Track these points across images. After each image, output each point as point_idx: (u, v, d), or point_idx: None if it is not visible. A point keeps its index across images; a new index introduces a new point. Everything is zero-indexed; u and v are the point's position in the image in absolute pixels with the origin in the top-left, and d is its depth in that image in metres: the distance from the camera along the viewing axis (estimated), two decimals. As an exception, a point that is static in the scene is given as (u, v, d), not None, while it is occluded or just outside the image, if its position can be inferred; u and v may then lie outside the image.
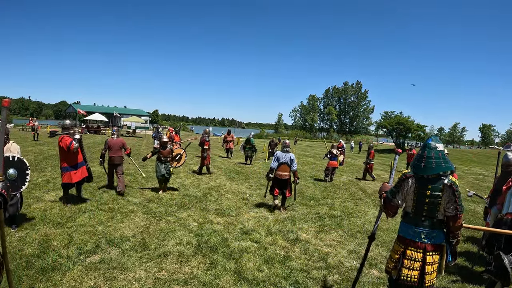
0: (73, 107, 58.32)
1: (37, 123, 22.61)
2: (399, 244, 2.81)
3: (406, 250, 2.72)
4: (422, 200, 2.64)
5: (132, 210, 6.16)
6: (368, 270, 4.27)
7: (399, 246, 2.80)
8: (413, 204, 2.71)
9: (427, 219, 2.67)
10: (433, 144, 2.68)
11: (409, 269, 2.67)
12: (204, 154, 10.91)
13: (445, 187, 2.58)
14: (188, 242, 4.77)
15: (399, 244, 2.80)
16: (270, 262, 4.31)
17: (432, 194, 2.60)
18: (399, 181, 2.79)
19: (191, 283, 3.64)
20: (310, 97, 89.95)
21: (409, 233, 2.73)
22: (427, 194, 2.61)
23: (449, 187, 2.57)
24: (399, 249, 2.78)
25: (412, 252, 2.69)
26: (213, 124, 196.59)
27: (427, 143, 2.72)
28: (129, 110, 66.80)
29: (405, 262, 2.70)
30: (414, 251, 2.68)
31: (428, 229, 2.67)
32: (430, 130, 76.13)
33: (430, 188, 2.60)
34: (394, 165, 3.54)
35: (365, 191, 10.17)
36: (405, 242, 2.75)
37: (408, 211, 2.79)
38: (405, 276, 2.68)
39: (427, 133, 48.34)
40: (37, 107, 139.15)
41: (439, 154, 2.63)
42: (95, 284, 3.48)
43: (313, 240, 5.30)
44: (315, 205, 7.70)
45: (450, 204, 2.59)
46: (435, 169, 2.59)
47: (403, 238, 2.78)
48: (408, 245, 2.72)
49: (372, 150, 13.04)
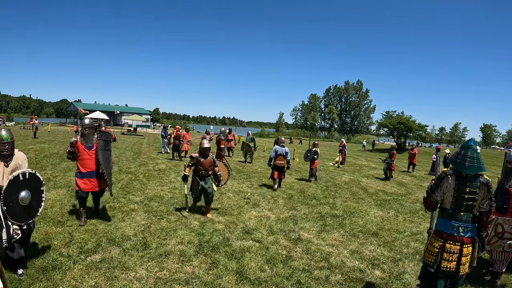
0: (74, 105, 58.24)
1: (37, 121, 22.69)
2: (437, 239, 2.97)
3: (445, 244, 2.90)
4: (461, 197, 2.85)
5: (133, 209, 6.13)
6: (371, 270, 4.24)
7: (437, 240, 2.96)
8: (452, 200, 2.89)
9: (465, 214, 2.88)
10: (475, 146, 2.92)
11: (448, 261, 2.89)
12: (222, 153, 11.01)
13: (481, 185, 2.85)
14: (190, 242, 4.74)
15: (438, 239, 2.97)
16: (272, 262, 4.28)
17: (471, 191, 2.83)
18: (438, 178, 2.99)
19: (193, 283, 3.61)
20: (311, 96, 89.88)
21: (448, 227, 2.91)
22: (466, 191, 2.84)
23: (485, 185, 2.84)
24: (438, 244, 2.95)
25: (451, 245, 2.89)
26: (214, 122, 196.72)
27: (471, 145, 2.92)
28: (130, 109, 66.76)
29: (444, 255, 2.90)
30: (452, 244, 2.88)
31: (465, 224, 2.88)
32: (431, 130, 76.08)
33: (469, 186, 2.84)
34: (437, 162, 3.75)
35: (366, 190, 10.13)
36: (443, 236, 2.93)
37: (446, 207, 2.95)
38: (444, 267, 2.90)
39: (428, 133, 48.24)
40: (38, 105, 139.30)
41: (480, 155, 2.89)
42: (96, 283, 3.46)
43: (315, 239, 5.27)
44: (316, 205, 7.67)
45: (485, 200, 2.86)
46: (477, 169, 2.83)
47: (441, 233, 2.95)
48: (447, 239, 2.91)
49: (394, 151, 13.20)
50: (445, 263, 2.89)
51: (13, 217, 3.22)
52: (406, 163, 18.75)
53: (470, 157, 2.85)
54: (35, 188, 3.41)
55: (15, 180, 3.23)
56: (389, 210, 7.73)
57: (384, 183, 12.03)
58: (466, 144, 2.96)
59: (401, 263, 4.55)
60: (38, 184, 3.46)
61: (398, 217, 7.12)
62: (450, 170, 2.95)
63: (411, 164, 16.56)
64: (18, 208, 3.25)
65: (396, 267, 4.41)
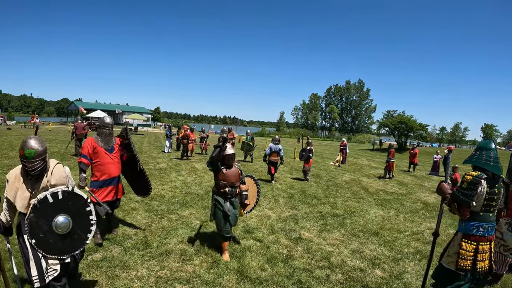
0: (75, 104, 58.36)
1: (38, 120, 22.77)
2: (469, 243, 2.92)
3: (478, 246, 2.89)
4: (492, 198, 2.85)
5: (134, 207, 6.14)
6: (372, 270, 4.24)
7: (469, 244, 2.91)
8: (484, 203, 2.86)
9: (493, 214, 2.92)
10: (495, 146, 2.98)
11: (482, 261, 2.90)
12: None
13: (503, 184, 2.93)
14: (190, 241, 4.74)
15: (469, 243, 2.92)
16: (273, 261, 4.28)
17: (499, 191, 2.87)
18: (472, 183, 2.83)
19: (194, 281, 3.62)
20: (312, 96, 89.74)
21: (480, 230, 2.90)
22: (496, 192, 2.85)
23: (506, 183, 2.95)
24: (471, 247, 2.91)
25: (483, 246, 2.90)
26: (215, 122, 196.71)
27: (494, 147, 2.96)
28: (131, 108, 66.87)
29: (479, 256, 2.90)
30: (484, 245, 2.90)
31: (493, 223, 2.94)
32: (432, 130, 75.95)
33: (497, 187, 2.86)
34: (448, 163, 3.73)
35: (367, 190, 10.13)
36: (475, 238, 2.91)
37: (475, 210, 2.89)
38: (481, 268, 2.90)
39: (428, 133, 48.13)
40: (39, 104, 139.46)
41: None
42: (97, 282, 3.47)
43: (316, 239, 5.27)
44: (317, 204, 7.67)
45: (503, 198, 2.98)
46: (502, 170, 2.88)
47: (472, 236, 2.91)
48: (479, 241, 2.90)
49: (392, 149, 13.29)
50: (480, 263, 2.90)
51: (47, 251, 2.54)
52: (407, 163, 18.72)
53: (494, 157, 2.88)
54: (77, 210, 2.64)
55: (42, 203, 2.51)
56: (389, 209, 7.73)
57: (384, 182, 12.02)
58: (488, 146, 2.96)
59: (401, 262, 4.55)
60: (80, 204, 2.66)
61: (399, 217, 7.11)
62: (483, 174, 2.85)
63: (412, 163, 16.55)
64: (53, 239, 2.56)
65: (396, 266, 4.41)
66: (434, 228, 4.08)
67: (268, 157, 9.96)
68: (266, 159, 10.05)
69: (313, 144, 12.26)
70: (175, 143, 18.06)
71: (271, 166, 9.97)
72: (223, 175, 4.30)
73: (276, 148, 9.92)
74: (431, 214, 7.56)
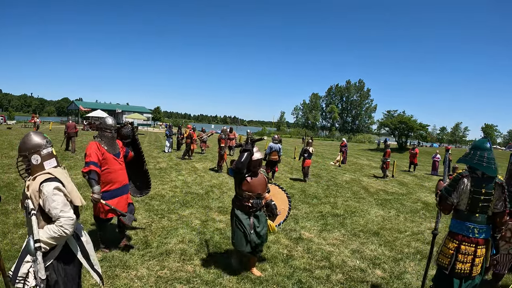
0: (75, 103, 58.30)
1: (39, 119, 22.76)
2: (452, 240, 2.93)
3: (460, 246, 2.87)
4: (477, 198, 2.80)
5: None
6: (372, 270, 4.24)
7: (452, 242, 2.92)
8: (468, 202, 2.84)
9: (480, 215, 2.84)
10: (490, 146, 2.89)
11: (463, 262, 2.85)
12: (221, 151, 11.25)
13: (496, 186, 2.80)
14: (191, 240, 4.74)
15: (453, 240, 2.93)
16: (273, 261, 4.28)
17: (487, 192, 2.79)
18: (454, 180, 2.91)
19: (194, 281, 3.61)
20: (313, 96, 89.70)
21: (463, 229, 2.87)
22: (482, 192, 2.79)
23: (499, 185, 2.81)
24: (452, 245, 2.91)
25: (466, 247, 2.85)
26: (215, 121, 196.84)
27: (489, 147, 2.88)
28: (131, 107, 66.79)
29: (459, 256, 2.86)
30: (467, 246, 2.85)
31: (480, 225, 2.84)
32: (432, 130, 75.89)
33: (485, 187, 2.79)
34: (447, 163, 3.71)
35: (367, 190, 10.12)
36: (458, 238, 2.89)
37: (461, 209, 2.90)
38: (459, 269, 2.86)
39: (429, 133, 48.11)
40: (39, 103, 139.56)
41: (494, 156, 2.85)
42: (97, 282, 3.45)
43: (316, 239, 5.26)
44: (317, 204, 7.66)
45: (499, 201, 2.82)
46: (496, 171, 2.79)
47: (456, 234, 2.92)
48: (462, 241, 2.87)
49: (388, 149, 13.34)
50: (459, 265, 2.86)
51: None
52: (407, 163, 18.70)
53: (487, 158, 2.81)
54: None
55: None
56: (390, 209, 7.72)
57: (385, 182, 12.01)
58: (483, 146, 2.89)
59: (402, 262, 4.55)
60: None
61: (399, 217, 7.11)
62: (466, 172, 2.87)
63: (412, 163, 16.55)
64: None
65: (397, 266, 4.41)
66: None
67: (268, 156, 10.04)
68: (266, 158, 10.08)
69: (313, 144, 12.26)
70: (175, 143, 18.07)
71: (271, 166, 10.04)
72: (248, 184, 3.61)
73: (276, 147, 10.08)
74: (432, 214, 7.55)
